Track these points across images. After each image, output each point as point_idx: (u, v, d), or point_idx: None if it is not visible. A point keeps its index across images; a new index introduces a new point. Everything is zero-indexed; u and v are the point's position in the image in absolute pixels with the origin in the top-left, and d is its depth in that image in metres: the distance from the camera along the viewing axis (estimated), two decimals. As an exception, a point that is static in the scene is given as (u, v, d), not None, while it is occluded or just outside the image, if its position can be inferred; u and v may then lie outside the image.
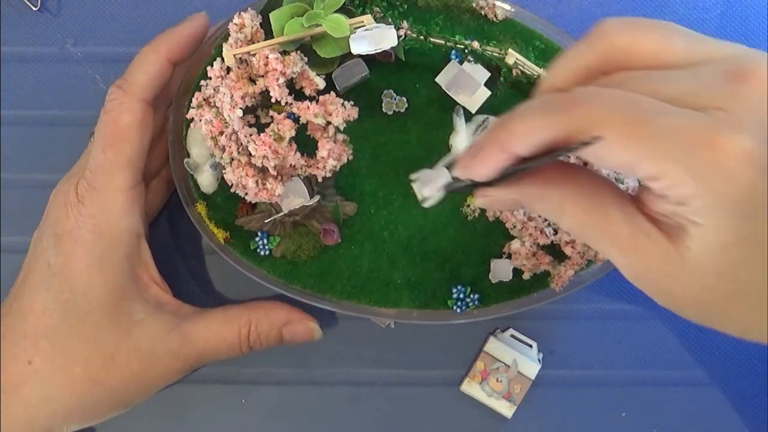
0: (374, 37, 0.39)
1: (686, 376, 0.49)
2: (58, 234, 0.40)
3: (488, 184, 0.29)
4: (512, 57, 0.42)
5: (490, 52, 0.42)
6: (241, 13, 0.41)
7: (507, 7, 0.44)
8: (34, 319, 0.39)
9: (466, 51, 0.43)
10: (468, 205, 0.45)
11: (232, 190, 0.41)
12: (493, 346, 0.47)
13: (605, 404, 0.48)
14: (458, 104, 0.43)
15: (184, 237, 0.48)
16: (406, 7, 0.43)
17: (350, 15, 0.41)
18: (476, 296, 0.44)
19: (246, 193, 0.41)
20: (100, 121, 0.41)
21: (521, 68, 0.42)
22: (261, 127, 0.42)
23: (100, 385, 0.40)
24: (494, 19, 0.44)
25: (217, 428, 0.48)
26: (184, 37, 0.42)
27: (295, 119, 0.41)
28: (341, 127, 0.41)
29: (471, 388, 0.47)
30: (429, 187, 0.31)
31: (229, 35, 0.40)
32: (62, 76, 0.49)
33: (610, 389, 0.48)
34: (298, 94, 0.41)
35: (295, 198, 0.43)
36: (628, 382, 0.48)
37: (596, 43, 0.29)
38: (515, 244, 0.43)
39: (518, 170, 0.28)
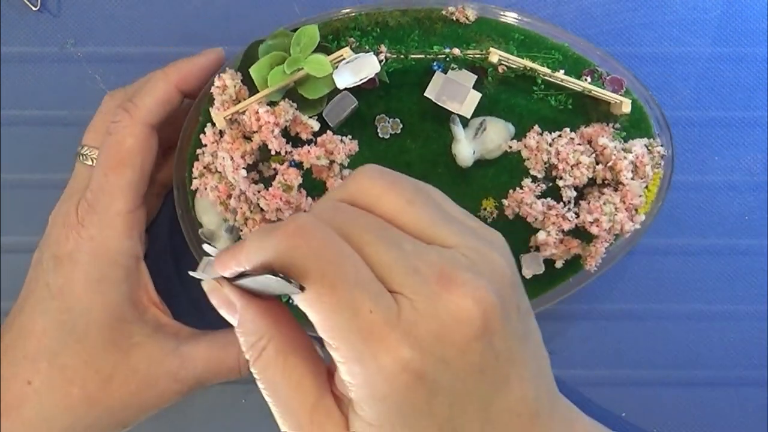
0: (356, 67, 0.39)
1: (686, 376, 0.48)
2: (57, 256, 0.40)
3: (229, 279, 0.31)
4: (495, 55, 0.42)
5: (471, 56, 0.42)
6: (221, 75, 0.41)
7: (476, 6, 0.44)
8: (34, 339, 0.39)
9: (448, 59, 0.43)
10: (485, 209, 0.44)
11: (252, 250, 0.41)
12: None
13: (605, 404, 0.48)
14: (453, 113, 0.42)
15: (183, 260, 0.48)
16: (378, 30, 0.43)
17: (328, 51, 0.41)
18: (514, 296, 0.44)
19: (267, 250, 0.41)
20: (104, 142, 0.41)
21: (506, 64, 0.42)
22: (266, 181, 0.41)
23: (97, 405, 0.40)
24: (467, 22, 0.44)
25: (217, 428, 0.48)
26: (197, 68, 0.42)
27: (298, 165, 0.41)
28: (345, 163, 0.41)
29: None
30: (208, 269, 0.33)
31: (214, 99, 0.40)
32: (62, 76, 0.48)
33: (610, 389, 0.48)
34: (295, 140, 0.41)
35: (315, 242, 0.43)
36: (628, 382, 0.48)
37: (351, 185, 0.31)
38: (541, 236, 0.42)
39: (257, 290, 0.30)
